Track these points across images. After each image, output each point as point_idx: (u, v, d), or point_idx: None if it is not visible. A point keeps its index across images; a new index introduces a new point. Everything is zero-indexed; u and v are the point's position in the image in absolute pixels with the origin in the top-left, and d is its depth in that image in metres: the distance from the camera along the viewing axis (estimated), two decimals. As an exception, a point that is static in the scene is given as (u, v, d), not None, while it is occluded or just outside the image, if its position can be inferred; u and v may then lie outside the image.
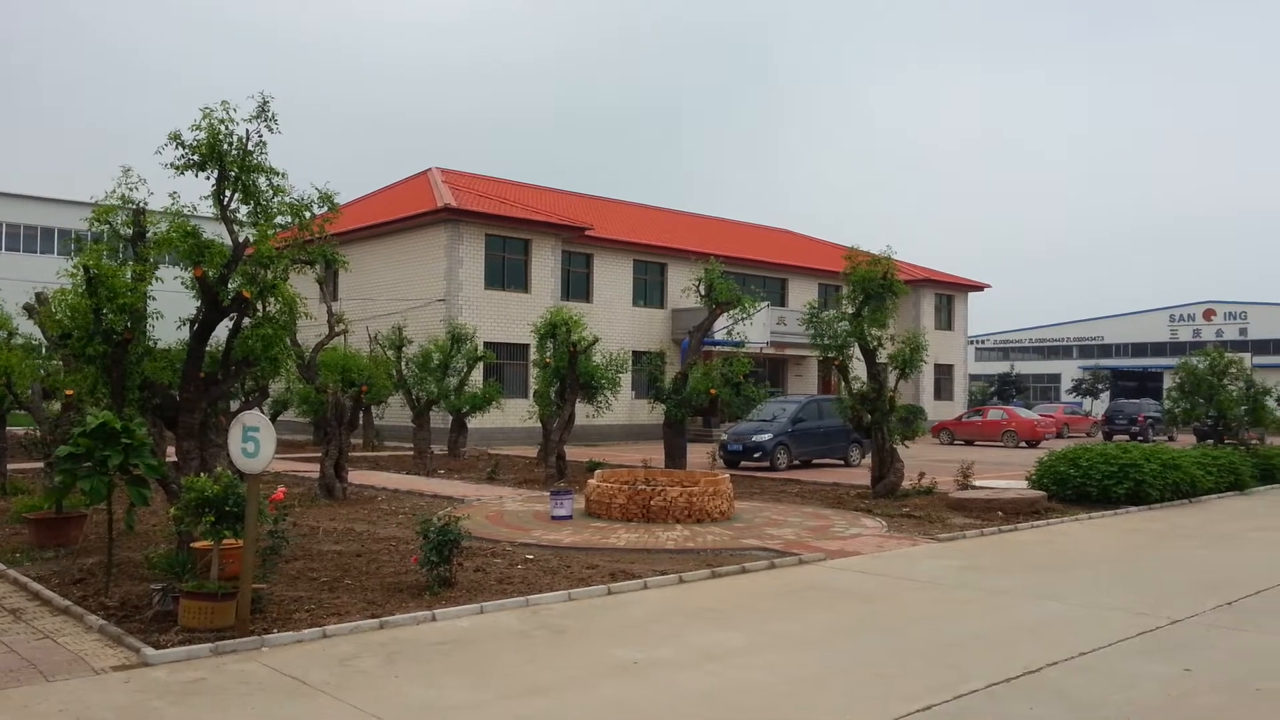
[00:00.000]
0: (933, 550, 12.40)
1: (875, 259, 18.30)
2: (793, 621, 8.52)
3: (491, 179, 39.46)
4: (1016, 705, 6.25)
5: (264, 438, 7.81)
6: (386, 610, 8.37)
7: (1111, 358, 78.85)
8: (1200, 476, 18.39)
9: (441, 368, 24.21)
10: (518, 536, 12.47)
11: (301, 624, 7.87)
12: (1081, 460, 17.30)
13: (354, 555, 11.01)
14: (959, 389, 50.17)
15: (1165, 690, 6.61)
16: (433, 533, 9.08)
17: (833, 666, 7.14)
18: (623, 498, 14.13)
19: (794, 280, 43.10)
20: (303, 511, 14.52)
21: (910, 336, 18.43)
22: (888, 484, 17.64)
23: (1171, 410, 25.20)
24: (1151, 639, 8.01)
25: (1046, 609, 9.13)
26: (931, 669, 7.06)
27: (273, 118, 10.01)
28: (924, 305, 47.48)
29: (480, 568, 10.25)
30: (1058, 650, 7.50)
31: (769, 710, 6.15)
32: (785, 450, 24.48)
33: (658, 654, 7.34)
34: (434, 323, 30.21)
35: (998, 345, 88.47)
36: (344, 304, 30.55)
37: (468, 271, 31.62)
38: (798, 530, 13.55)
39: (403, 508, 15.37)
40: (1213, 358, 23.98)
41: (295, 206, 10.33)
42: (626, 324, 36.65)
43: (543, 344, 21.29)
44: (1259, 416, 24.27)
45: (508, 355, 32.36)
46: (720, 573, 10.48)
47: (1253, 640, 8.01)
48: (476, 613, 8.49)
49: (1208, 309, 78.02)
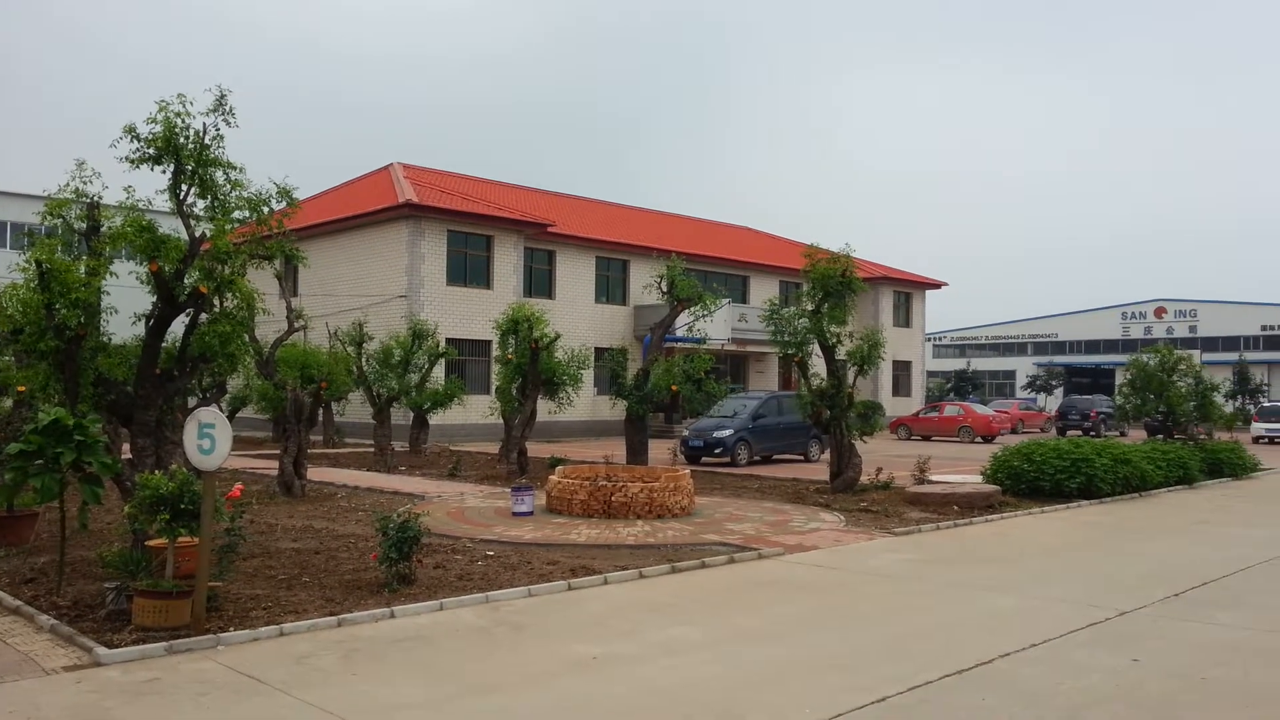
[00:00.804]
0: (889, 544, 12.55)
1: (834, 257, 18.48)
2: (751, 615, 8.60)
3: (454, 175, 39.25)
4: (969, 696, 6.36)
5: (219, 434, 7.75)
6: (345, 608, 8.34)
7: (1065, 355, 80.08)
8: (1150, 471, 18.77)
9: (403, 364, 24.09)
10: (478, 533, 12.46)
11: (258, 622, 7.82)
12: (1035, 455, 17.59)
13: (312, 553, 10.94)
14: (917, 385, 50.70)
15: (1114, 680, 6.76)
16: (392, 529, 9.05)
17: (790, 659, 7.22)
18: (584, 494, 14.16)
19: (755, 278, 43.32)
20: (261, 509, 14.39)
21: (869, 334, 18.62)
22: (846, 479, 17.82)
23: (1123, 406, 25.68)
24: (1101, 630, 8.19)
25: (1000, 601, 9.30)
26: (887, 661, 7.17)
27: (230, 111, 9.92)
28: (883, 303, 47.93)
29: (440, 564, 10.23)
30: (1010, 641, 7.64)
31: (726, 703, 6.22)
32: (746, 446, 24.62)
33: (617, 649, 7.38)
34: (395, 319, 30.03)
35: (955, 342, 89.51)
36: (304, 300, 30.29)
37: (429, 268, 31.45)
38: (757, 525, 13.66)
39: (362, 505, 15.28)
40: (1163, 355, 24.46)
41: (253, 201, 10.25)
42: (589, 320, 36.65)
43: (504, 340, 21.25)
44: (1207, 412, 24.79)
45: (470, 351, 32.24)
46: (680, 568, 10.55)
47: (1199, 630, 8.21)
48: (436, 610, 8.48)
49: (1159, 307, 79.45)
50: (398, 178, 34.40)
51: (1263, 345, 73.11)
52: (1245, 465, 23.08)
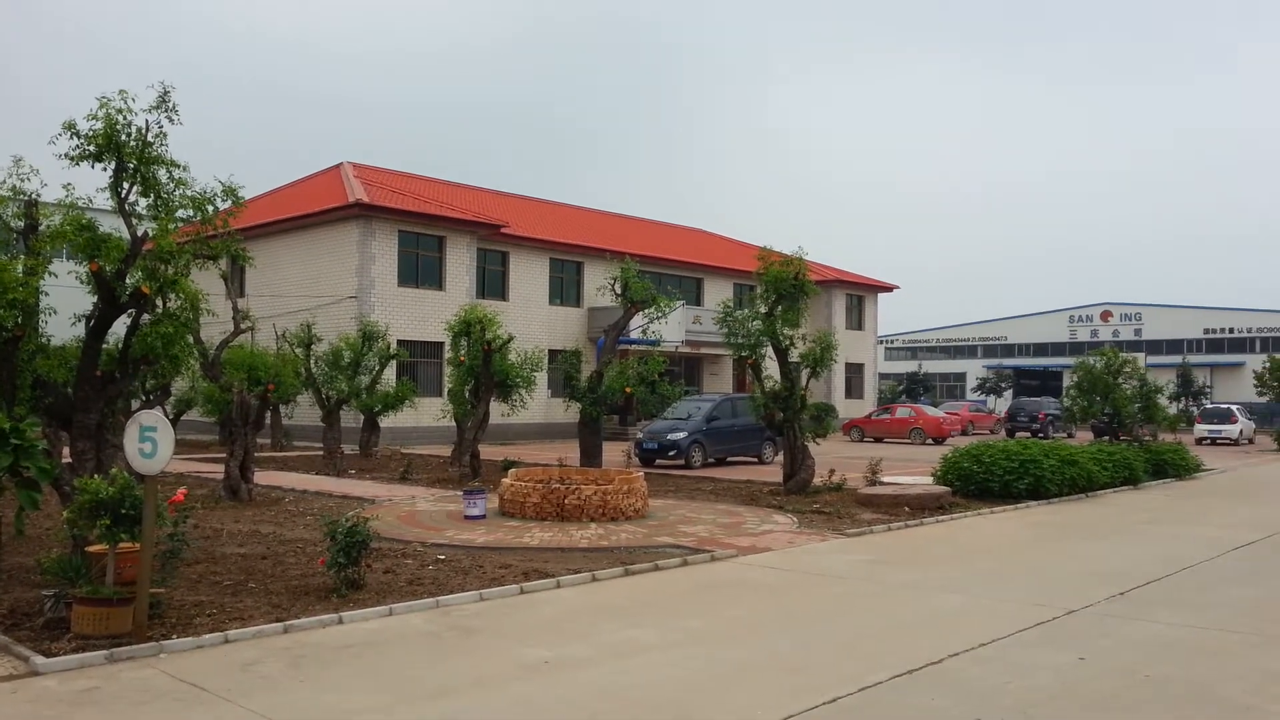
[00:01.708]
0: (842, 545, 12.63)
1: (787, 260, 18.58)
2: (704, 617, 8.59)
3: (405, 175, 38.90)
4: (919, 696, 6.40)
5: (161, 438, 7.58)
6: (292, 614, 8.20)
7: (1014, 357, 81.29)
8: (1096, 472, 19.10)
9: (353, 366, 23.81)
10: (430, 537, 12.33)
11: (202, 629, 7.66)
12: (984, 457, 17.81)
13: (259, 558, 10.75)
14: (869, 387, 51.18)
15: (1060, 678, 6.84)
16: (340, 534, 8.92)
17: (742, 661, 7.22)
18: (537, 496, 14.07)
19: (709, 280, 43.46)
20: (206, 514, 14.12)
21: (821, 336, 18.74)
22: (799, 481, 17.91)
23: (1070, 408, 26.11)
24: (1048, 629, 8.29)
25: (949, 601, 9.38)
26: (838, 662, 7.19)
27: (174, 108, 9.74)
28: (835, 305, 48.33)
29: (390, 569, 10.10)
30: (959, 641, 7.71)
31: (678, 706, 6.19)
32: (700, 448, 24.66)
33: (569, 652, 7.33)
34: (345, 320, 29.69)
35: (906, 345, 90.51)
36: (251, 301, 29.79)
37: (380, 268, 31.13)
38: (711, 527, 13.67)
39: (311, 509, 15.05)
40: (1108, 357, 24.91)
41: (198, 200, 10.08)
42: (542, 322, 36.52)
43: (457, 342, 21.08)
44: (1151, 414, 25.31)
45: (422, 353, 31.96)
46: (633, 570, 10.52)
47: (1143, 629, 8.34)
48: (385, 614, 8.36)
49: (1105, 310, 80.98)
50: (348, 177, 34.02)
51: (1205, 348, 74.85)
52: (1188, 466, 23.56)
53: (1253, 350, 70.59)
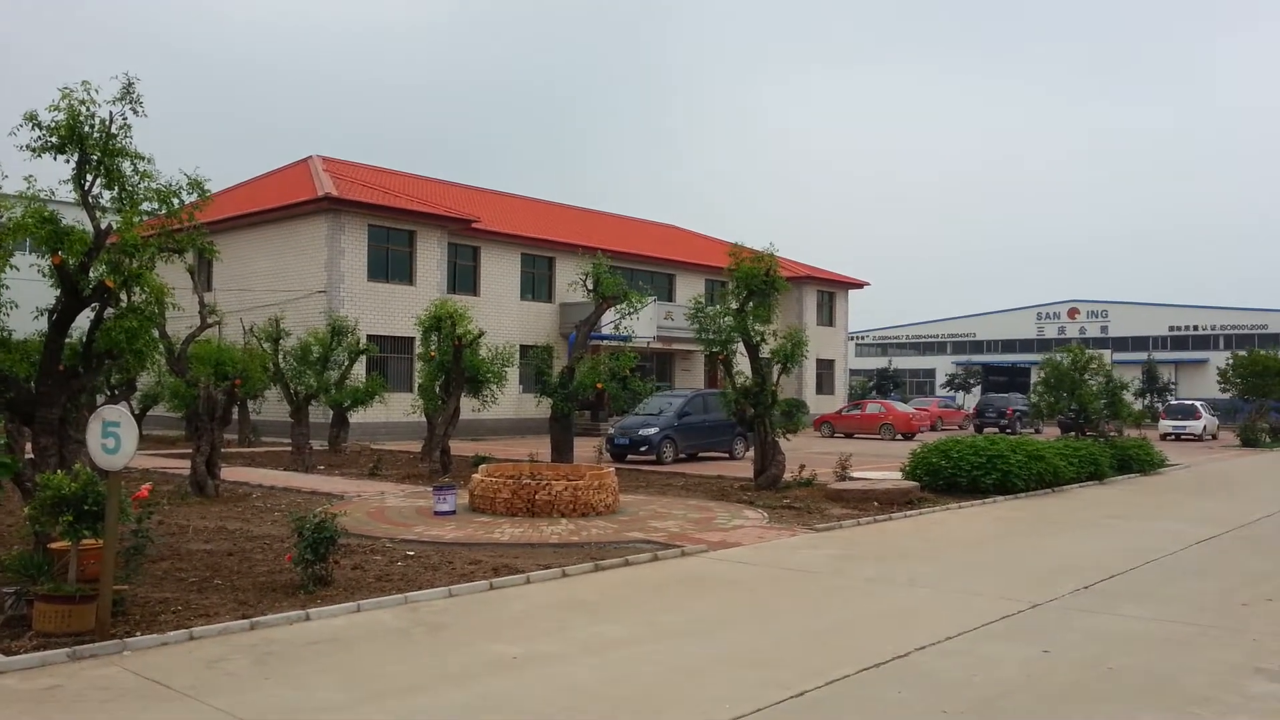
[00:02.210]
0: (811, 540, 12.70)
1: (758, 256, 18.64)
2: (674, 612, 8.61)
3: (375, 168, 38.65)
4: (885, 689, 6.45)
5: (125, 433, 7.49)
6: (258, 611, 8.13)
7: (983, 354, 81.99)
8: (1063, 467, 19.32)
9: (321, 361, 23.63)
10: (399, 533, 12.27)
11: (167, 626, 7.58)
12: (952, 452, 17.97)
13: (225, 554, 10.66)
14: (840, 383, 51.44)
15: (1025, 670, 6.92)
16: (308, 530, 8.85)
17: (711, 655, 7.24)
18: (507, 492, 14.04)
19: (681, 276, 43.50)
20: (172, 510, 13.98)
21: (792, 332, 18.82)
22: (770, 476, 17.99)
23: (1037, 404, 26.41)
24: (1014, 622, 8.38)
25: (917, 595, 9.46)
26: (807, 656, 7.23)
27: (138, 99, 9.61)
28: (806, 302, 48.51)
29: (359, 565, 10.04)
30: (926, 635, 7.78)
31: (646, 700, 6.21)
32: (671, 444, 24.69)
33: (538, 648, 7.32)
34: (314, 315, 29.44)
35: (877, 341, 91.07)
36: (218, 295, 29.52)
37: (350, 263, 30.90)
38: (681, 523, 13.70)
39: (278, 505, 14.93)
40: (1075, 354, 25.20)
41: (163, 192, 9.94)
42: (514, 317, 36.41)
43: (427, 337, 20.99)
44: (1117, 409, 25.65)
45: (392, 348, 31.78)
46: (604, 566, 10.52)
47: (1107, 622, 8.45)
48: (353, 611, 8.31)
49: (1072, 308, 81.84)
50: (316, 171, 33.74)
51: (1170, 345, 75.83)
52: (1153, 461, 23.89)
53: (1217, 347, 71.61)
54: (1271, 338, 68.02)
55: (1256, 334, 70.30)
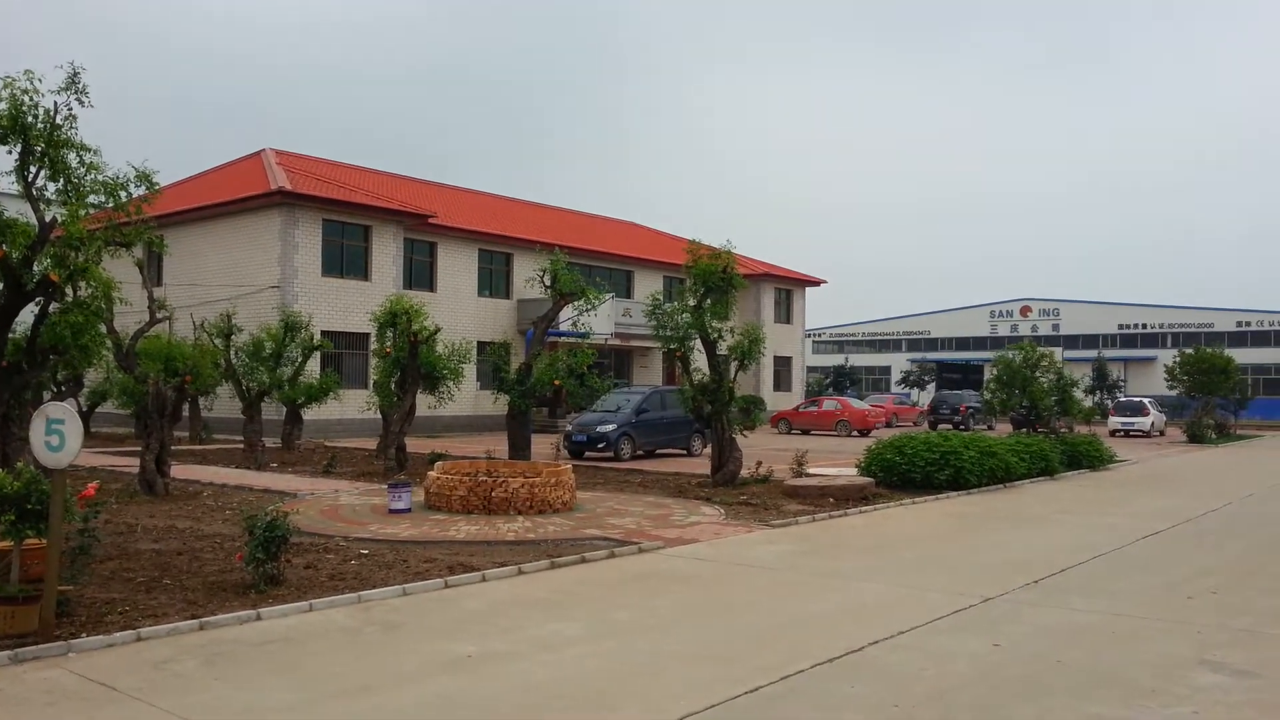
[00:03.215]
0: (767, 536, 12.76)
1: (716, 253, 18.67)
2: (630, 609, 8.61)
3: (330, 162, 38.21)
4: (839, 683, 6.50)
5: (70, 430, 7.33)
6: (208, 611, 8.01)
7: (937, 351, 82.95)
8: (1014, 463, 19.60)
9: (274, 357, 23.32)
10: (353, 531, 12.15)
11: (114, 627, 7.44)
12: (907, 448, 18.16)
13: (175, 554, 10.49)
14: (797, 380, 51.78)
15: (975, 664, 7.00)
16: (259, 528, 8.73)
17: (667, 652, 7.25)
18: (463, 490, 13.95)
19: (640, 272, 43.52)
20: (120, 508, 13.73)
21: (749, 329, 18.89)
22: (727, 473, 18.05)
23: (990, 401, 26.75)
24: (965, 616, 8.48)
25: (871, 590, 9.54)
26: (761, 651, 7.26)
27: (84, 89, 9.42)
28: (764, 299, 48.77)
29: (311, 564, 9.93)
30: (879, 629, 7.85)
31: (600, 697, 6.20)
32: (629, 440, 24.70)
33: (493, 646, 7.28)
34: (267, 310, 29.06)
35: (834, 338, 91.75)
36: (168, 290, 29.01)
37: (304, 257, 30.53)
38: (638, 519, 13.70)
39: (230, 503, 14.72)
40: (1026, 351, 25.56)
41: (110, 185, 9.78)
42: (471, 314, 36.21)
43: (382, 333, 20.80)
44: (1067, 406, 26.06)
45: (346, 344, 31.46)
46: (560, 563, 10.49)
47: (1056, 616, 8.58)
48: (305, 610, 8.21)
49: (1024, 306, 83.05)
50: (270, 164, 33.29)
51: (1119, 343, 77.22)
52: (1102, 457, 24.31)
53: (1164, 345, 73.04)
54: (1217, 336, 69.57)
55: (1203, 332, 71.81)
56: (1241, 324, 73.25)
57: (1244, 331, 72.60)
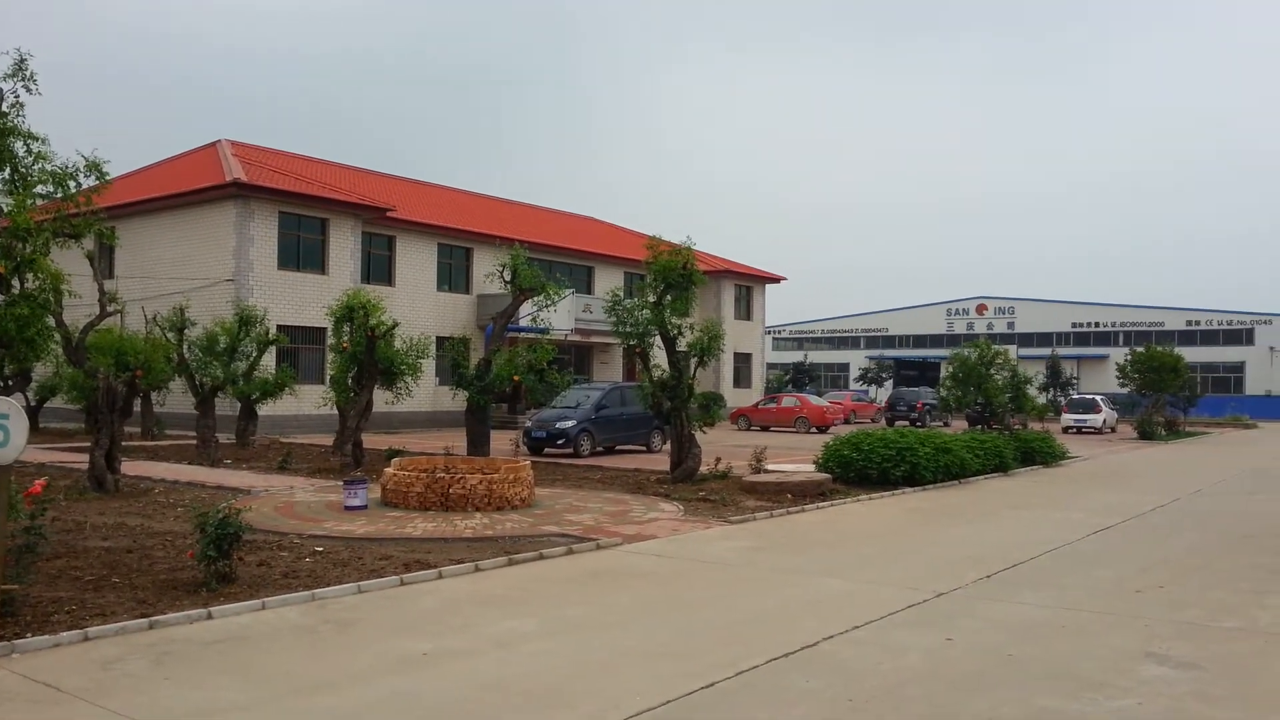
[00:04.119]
0: (725, 532, 12.81)
1: (676, 249, 18.68)
2: (587, 606, 8.60)
3: (287, 154, 37.73)
4: (794, 678, 6.54)
5: (15, 425, 7.17)
6: (158, 609, 7.88)
7: (895, 349, 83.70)
8: (969, 459, 19.83)
9: (228, 351, 22.98)
10: (307, 528, 12.01)
11: (60, 627, 7.30)
12: (864, 445, 18.31)
13: (124, 551, 10.31)
14: (757, 377, 52.03)
15: (928, 658, 7.08)
16: (210, 525, 8.60)
17: (624, 648, 7.25)
18: (420, 486, 13.85)
19: (600, 268, 43.47)
20: (69, 506, 13.48)
21: (709, 325, 18.93)
22: (686, 469, 18.09)
23: (946, 398, 27.03)
24: (919, 611, 8.57)
25: (827, 585, 9.61)
26: (718, 647, 7.29)
27: (31, 77, 9.23)
28: (725, 295, 48.93)
29: (264, 561, 9.81)
30: (835, 624, 7.91)
31: (556, 693, 6.18)
32: (589, 437, 24.67)
33: (448, 644, 7.24)
34: (221, 304, 28.63)
35: (793, 335, 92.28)
36: (120, 282, 28.55)
37: (259, 251, 30.12)
38: (597, 516, 13.69)
39: (182, 500, 14.50)
40: (982, 349, 25.85)
41: (59, 175, 9.60)
42: (430, 308, 35.96)
43: (339, 327, 20.58)
44: (1021, 403, 26.42)
45: (303, 339, 31.09)
46: (517, 560, 10.46)
47: (1008, 610, 8.70)
48: (258, 609, 8.11)
49: (980, 304, 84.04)
50: (225, 155, 32.81)
51: (1073, 341, 78.41)
52: (1055, 453, 24.67)
53: (1116, 344, 74.29)
54: (1168, 335, 70.90)
55: (1154, 331, 73.15)
56: (1191, 323, 74.69)
57: (1193, 330, 74.04)
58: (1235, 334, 73.19)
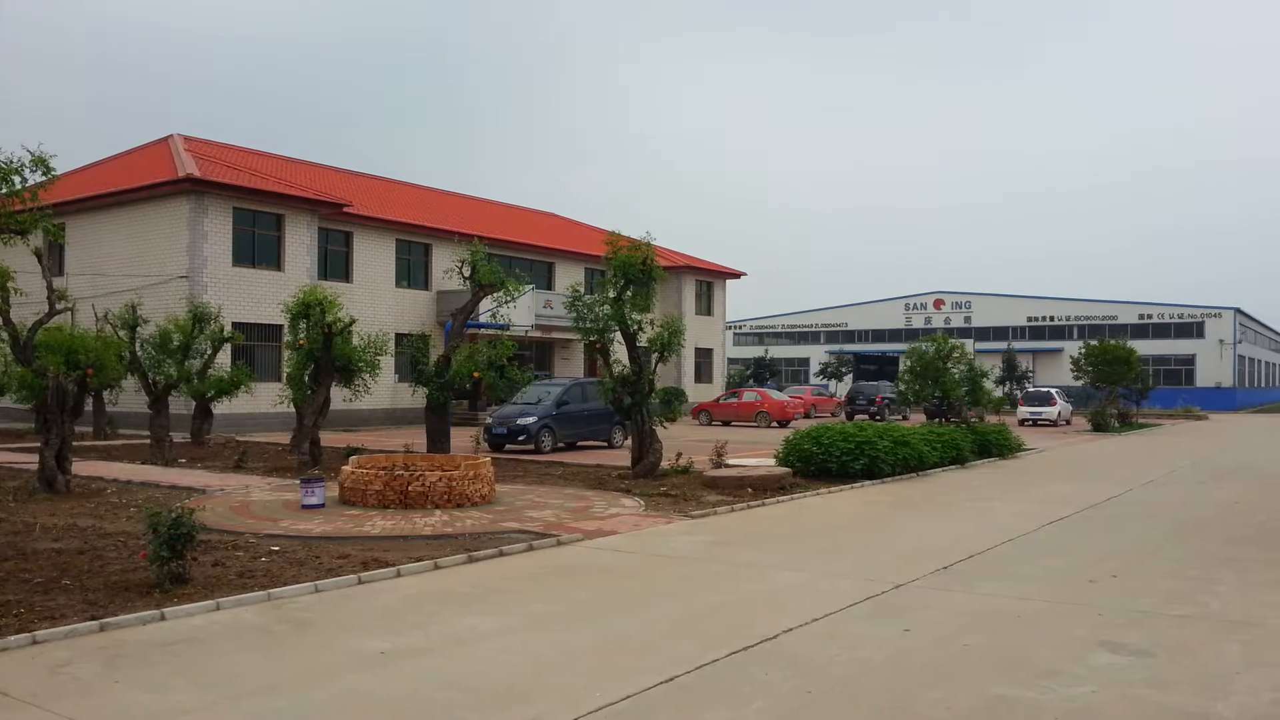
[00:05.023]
0: (686, 527, 12.83)
1: (636, 244, 18.67)
2: (547, 602, 8.57)
3: (241, 149, 37.20)
4: (754, 671, 6.56)
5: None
6: (109, 611, 7.74)
7: (855, 343, 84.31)
8: (927, 452, 20.03)
9: (182, 349, 22.63)
10: (263, 528, 11.86)
11: (8, 630, 7.15)
12: (823, 438, 18.42)
13: (75, 553, 10.12)
14: (718, 372, 52.15)
15: (886, 650, 7.14)
16: (164, 525, 8.46)
17: (584, 644, 7.23)
18: (379, 484, 13.73)
19: (561, 264, 43.33)
20: (18, 507, 13.24)
21: (670, 321, 18.94)
22: (647, 464, 18.09)
23: (904, 392, 27.24)
24: (877, 603, 8.64)
25: (787, 578, 9.66)
26: (678, 641, 7.29)
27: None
28: (685, 291, 48.98)
29: (219, 562, 9.67)
30: (794, 617, 7.94)
31: (515, 690, 6.15)
32: (550, 433, 24.60)
33: (406, 642, 7.18)
34: (175, 301, 28.15)
35: (754, 330, 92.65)
36: (70, 280, 28.05)
37: (213, 247, 29.67)
38: (558, 512, 13.65)
39: (135, 500, 14.26)
40: (939, 343, 26.07)
41: (3, 169, 9.37)
42: (389, 305, 35.65)
43: (295, 324, 20.34)
44: (978, 396, 26.67)
45: (259, 336, 30.68)
46: (477, 557, 10.40)
47: (964, 600, 8.79)
48: (212, 609, 7.99)
49: (937, 298, 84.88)
50: (178, 150, 32.27)
51: (1028, 335, 79.45)
52: (1011, 446, 25.00)
53: (1071, 337, 75.35)
54: (1120, 329, 72.04)
55: (1107, 324, 74.34)
56: (1143, 316, 75.95)
57: (1145, 324, 75.29)
58: (1186, 327, 74.56)
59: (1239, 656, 7.07)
